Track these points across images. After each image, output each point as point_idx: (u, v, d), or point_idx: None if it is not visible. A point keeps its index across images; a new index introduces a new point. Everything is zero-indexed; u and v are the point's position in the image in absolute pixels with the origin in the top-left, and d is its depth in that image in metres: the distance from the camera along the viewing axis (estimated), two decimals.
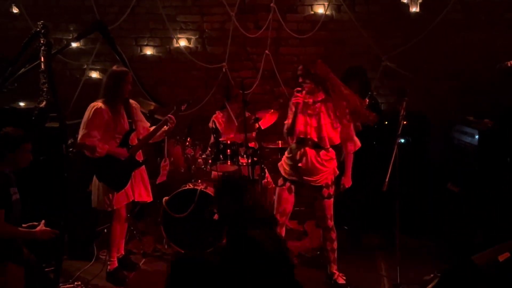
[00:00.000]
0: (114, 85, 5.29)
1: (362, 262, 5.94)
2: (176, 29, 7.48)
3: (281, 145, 6.70)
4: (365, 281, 5.40)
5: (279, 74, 7.33)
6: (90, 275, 5.63)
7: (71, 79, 7.51)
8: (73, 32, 7.52)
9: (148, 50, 7.59)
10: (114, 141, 5.37)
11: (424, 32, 6.85)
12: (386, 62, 7.11)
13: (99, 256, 6.04)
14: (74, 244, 6.01)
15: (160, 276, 5.61)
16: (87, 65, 7.54)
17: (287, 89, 7.36)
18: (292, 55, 7.45)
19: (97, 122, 5.21)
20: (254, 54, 7.46)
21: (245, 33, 7.28)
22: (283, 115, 7.21)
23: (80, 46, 7.58)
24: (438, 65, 7.08)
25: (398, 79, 7.17)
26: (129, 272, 5.74)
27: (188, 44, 7.52)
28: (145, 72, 7.20)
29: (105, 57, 7.44)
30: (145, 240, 6.53)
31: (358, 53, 7.23)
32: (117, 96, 5.31)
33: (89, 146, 5.20)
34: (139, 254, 6.24)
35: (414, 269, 5.43)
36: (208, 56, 7.44)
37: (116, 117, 5.32)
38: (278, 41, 7.39)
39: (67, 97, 6.94)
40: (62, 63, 7.44)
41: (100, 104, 5.26)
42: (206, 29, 7.48)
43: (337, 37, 7.30)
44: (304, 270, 5.81)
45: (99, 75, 7.56)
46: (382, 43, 7.13)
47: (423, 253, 6.04)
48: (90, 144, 5.19)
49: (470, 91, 6.70)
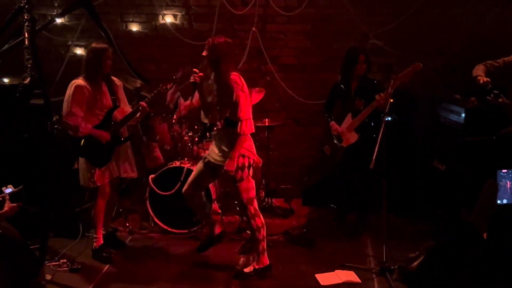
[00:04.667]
0: (94, 61, 5.25)
1: (348, 242, 5.97)
2: (162, 5, 7.40)
3: (268, 123, 6.68)
4: (351, 260, 5.42)
5: (266, 52, 7.29)
6: (76, 252, 5.63)
7: (56, 56, 7.42)
8: (57, 7, 7.40)
9: (133, 26, 7.51)
10: (96, 117, 5.32)
11: (411, 10, 6.84)
12: (373, 40, 7.09)
13: (85, 234, 6.03)
14: (60, 221, 6.00)
15: (146, 253, 5.67)
16: (72, 41, 7.44)
17: (274, 66, 7.34)
18: (279, 32, 7.40)
19: (78, 99, 5.17)
20: (241, 31, 7.40)
21: (231, 9, 7.21)
22: (269, 92, 7.24)
23: (64, 22, 7.47)
24: (425, 42, 7.07)
25: (385, 57, 7.16)
26: (115, 250, 5.73)
27: (174, 20, 7.45)
28: (131, 48, 7.14)
29: (90, 33, 7.33)
30: (131, 217, 6.52)
31: (345, 30, 7.21)
32: (97, 72, 5.27)
33: (72, 126, 5.17)
34: (125, 232, 6.24)
35: (400, 247, 5.46)
36: (194, 33, 7.37)
37: (97, 94, 5.28)
38: (265, 18, 7.34)
39: (52, 74, 6.88)
40: (47, 39, 7.34)
41: (81, 81, 5.22)
42: (192, 6, 7.40)
43: (325, 14, 7.26)
44: (290, 247, 5.85)
45: (84, 51, 7.46)
46: (370, 20, 7.10)
47: (409, 231, 6.08)
48: (73, 123, 5.16)
49: (457, 68, 6.72)
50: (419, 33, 7.08)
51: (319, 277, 5.12)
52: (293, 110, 7.51)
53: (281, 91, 7.42)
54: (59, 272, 5.27)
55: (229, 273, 5.25)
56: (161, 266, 5.40)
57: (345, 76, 6.07)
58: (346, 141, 6.04)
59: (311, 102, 7.29)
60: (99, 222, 5.60)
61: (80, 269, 5.31)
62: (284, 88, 7.36)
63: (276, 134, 7.33)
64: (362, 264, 5.37)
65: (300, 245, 5.88)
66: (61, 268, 5.32)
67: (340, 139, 6.09)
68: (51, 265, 5.33)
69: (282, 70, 7.44)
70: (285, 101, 7.50)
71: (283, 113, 7.52)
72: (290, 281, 5.10)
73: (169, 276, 5.22)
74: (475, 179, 5.55)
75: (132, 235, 6.20)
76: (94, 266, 5.43)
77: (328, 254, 5.65)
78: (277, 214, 6.76)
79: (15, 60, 4.87)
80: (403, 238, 5.88)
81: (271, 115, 7.15)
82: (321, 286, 5.00)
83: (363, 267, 5.31)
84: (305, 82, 7.42)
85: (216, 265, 5.43)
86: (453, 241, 4.31)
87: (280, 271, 5.29)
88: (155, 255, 5.59)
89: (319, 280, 5.08)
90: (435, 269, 4.18)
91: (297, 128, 7.54)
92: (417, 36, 7.08)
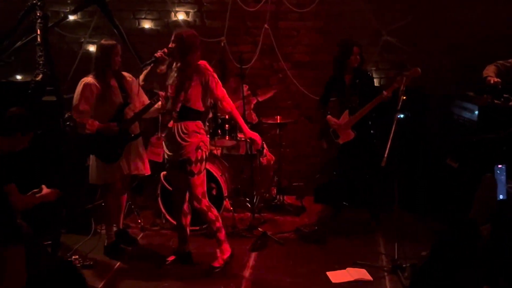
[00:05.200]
0: (103, 58, 5.26)
1: (360, 239, 5.94)
2: (174, 2, 7.40)
3: (279, 120, 6.67)
4: (363, 257, 5.40)
5: (278, 49, 7.28)
6: (88, 249, 5.65)
7: (69, 53, 7.44)
8: (70, 4, 7.42)
9: (146, 23, 7.52)
10: (107, 115, 5.32)
11: (425, 6, 6.79)
12: (386, 37, 7.06)
13: (97, 230, 6.06)
14: (72, 218, 6.02)
15: (158, 250, 5.68)
16: (85, 38, 7.46)
17: (287, 64, 7.32)
18: (291, 29, 7.38)
19: (86, 96, 5.18)
20: (253, 28, 7.39)
21: (244, 6, 7.20)
22: (282, 90, 7.24)
23: (77, 19, 7.49)
24: (438, 39, 7.02)
25: (398, 54, 7.12)
26: (127, 246, 5.75)
27: (187, 17, 7.45)
28: (143, 45, 7.13)
29: (103, 31, 7.34)
30: (143, 214, 6.54)
31: (357, 27, 7.17)
32: (106, 69, 5.28)
33: (79, 123, 5.19)
34: (137, 229, 6.26)
35: (412, 245, 5.43)
36: (206, 30, 7.36)
37: (107, 91, 5.28)
38: (277, 15, 7.32)
39: (65, 71, 6.88)
40: (59, 36, 7.36)
41: (89, 79, 5.24)
42: (204, 3, 7.39)
43: (337, 11, 7.23)
44: (302, 245, 5.83)
45: None
46: (383, 17, 7.06)
47: (422, 229, 6.04)
48: (79, 121, 5.18)
49: (470, 65, 6.65)
50: (432, 30, 7.02)
51: (330, 274, 5.11)
52: (306, 107, 7.49)
53: (293, 88, 7.40)
54: None
55: (240, 270, 5.25)
56: (172, 263, 5.41)
57: (338, 69, 6.06)
58: (342, 138, 6.02)
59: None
60: (111, 219, 5.62)
61: (92, 266, 5.33)
62: (296, 85, 7.34)
63: (288, 131, 7.32)
64: (374, 262, 5.35)
65: (311, 243, 5.86)
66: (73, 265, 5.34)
67: (336, 135, 6.07)
68: None
69: (295, 67, 7.42)
70: (297, 98, 7.48)
71: (295, 110, 7.50)
72: (302, 278, 5.09)
73: (181, 273, 5.22)
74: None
75: (144, 231, 6.21)
76: (106, 262, 5.45)
77: (339, 252, 5.63)
78: (288, 212, 6.75)
79: (28, 57, 4.90)
80: (416, 236, 5.83)
81: (283, 112, 7.13)
82: (333, 283, 4.98)
83: (375, 265, 5.29)
84: (318, 79, 7.38)
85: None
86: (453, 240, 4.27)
87: (291, 269, 5.28)
88: (167, 252, 5.59)
89: (331, 277, 5.06)
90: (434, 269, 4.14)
91: (309, 125, 7.51)
92: (430, 33, 7.03)
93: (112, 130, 5.30)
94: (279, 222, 6.44)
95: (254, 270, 5.28)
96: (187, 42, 4.92)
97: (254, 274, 5.21)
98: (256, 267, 5.35)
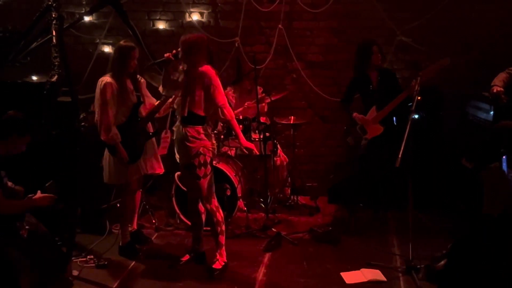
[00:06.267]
0: (121, 59, 5.29)
1: (374, 240, 5.92)
2: (188, 3, 7.42)
3: (293, 121, 6.67)
4: (377, 258, 5.38)
5: (292, 49, 7.28)
6: (102, 248, 5.68)
7: (84, 53, 7.48)
8: (85, 6, 7.47)
9: (160, 24, 7.55)
10: (123, 114, 5.35)
11: (439, 5, 6.75)
12: (401, 37, 7.03)
13: (111, 230, 6.09)
14: (87, 218, 6.06)
15: (172, 250, 5.70)
16: (100, 39, 7.50)
17: (301, 63, 7.31)
18: (305, 29, 7.38)
19: (110, 96, 5.21)
20: (267, 28, 7.39)
21: (258, 7, 7.20)
22: (295, 90, 7.24)
23: (92, 20, 7.54)
24: (454, 39, 6.99)
25: (413, 53, 7.10)
26: (142, 246, 5.77)
27: (201, 18, 7.47)
28: (158, 46, 7.16)
29: (118, 31, 7.39)
30: (158, 214, 6.56)
31: (372, 27, 7.16)
32: (123, 71, 5.31)
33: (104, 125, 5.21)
34: (152, 229, 6.28)
35: (426, 246, 5.40)
36: (220, 30, 7.38)
37: (123, 91, 5.32)
38: (292, 15, 7.32)
39: (80, 72, 6.92)
40: (75, 37, 7.42)
41: (109, 79, 5.26)
42: (219, 3, 7.41)
43: (351, 11, 7.22)
44: (315, 245, 5.83)
45: (111, 49, 7.51)
46: (397, 16, 7.03)
47: (436, 230, 6.02)
48: (105, 122, 5.20)
49: (485, 65, 6.61)
50: (447, 30, 6.99)
51: (344, 275, 5.10)
52: (319, 108, 7.48)
53: (307, 88, 7.39)
54: (86, 268, 5.33)
55: (254, 270, 5.26)
56: (186, 263, 5.41)
57: (361, 70, 6.08)
58: (371, 133, 6.01)
59: (338, 100, 7.24)
60: (126, 219, 5.65)
61: (107, 265, 5.36)
62: (310, 85, 7.33)
63: (302, 131, 7.31)
64: (388, 263, 5.33)
65: (325, 243, 5.85)
66: (88, 264, 5.38)
67: (364, 131, 6.06)
68: (78, 261, 5.39)
69: (308, 67, 7.41)
70: (311, 98, 7.47)
71: (309, 110, 7.49)
72: (315, 279, 5.08)
73: (195, 273, 5.23)
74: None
75: (158, 231, 6.24)
76: (120, 262, 5.48)
77: (353, 252, 5.62)
78: (302, 212, 6.74)
79: (44, 58, 4.92)
80: (431, 236, 5.81)
81: (297, 112, 7.12)
82: (347, 284, 4.97)
83: (389, 265, 5.27)
84: (332, 79, 7.38)
85: (241, 264, 5.42)
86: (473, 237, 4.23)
87: (305, 269, 5.28)
88: (181, 252, 5.60)
89: (345, 278, 5.05)
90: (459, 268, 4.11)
91: (323, 125, 7.51)
92: (445, 33, 7.00)
93: (125, 157, 5.33)
94: (293, 223, 6.43)
95: (268, 270, 5.28)
96: (190, 42, 4.94)
97: (268, 274, 5.21)
98: (270, 267, 5.35)
